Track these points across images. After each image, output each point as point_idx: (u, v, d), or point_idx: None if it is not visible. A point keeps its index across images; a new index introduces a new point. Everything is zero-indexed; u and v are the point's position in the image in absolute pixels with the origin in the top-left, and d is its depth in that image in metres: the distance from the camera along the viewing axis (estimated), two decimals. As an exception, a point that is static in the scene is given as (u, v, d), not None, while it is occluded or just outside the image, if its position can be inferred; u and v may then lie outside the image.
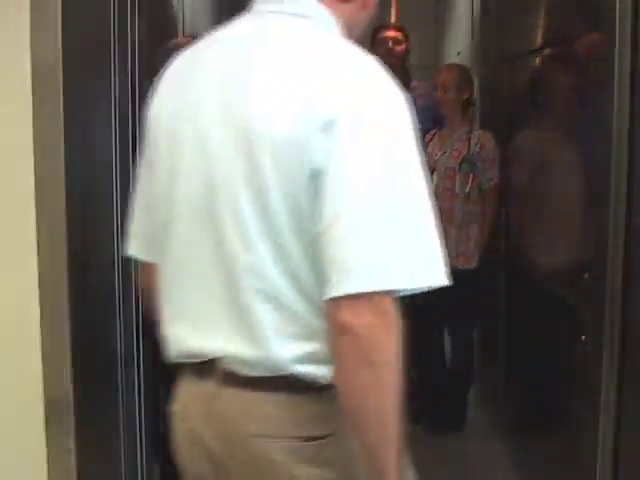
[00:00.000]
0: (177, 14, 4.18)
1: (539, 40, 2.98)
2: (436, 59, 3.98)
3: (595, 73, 2.14)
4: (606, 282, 2.02)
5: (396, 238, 1.07)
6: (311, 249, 1.10)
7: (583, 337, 2.24)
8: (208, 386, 1.18)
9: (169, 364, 1.25)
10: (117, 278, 1.89)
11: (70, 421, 1.60)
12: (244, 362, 1.15)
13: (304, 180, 1.08)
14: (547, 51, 2.87)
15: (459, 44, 4.11)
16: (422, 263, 1.09)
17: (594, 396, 2.08)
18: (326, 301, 1.07)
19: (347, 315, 1.05)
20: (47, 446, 1.60)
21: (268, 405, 1.15)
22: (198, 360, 1.19)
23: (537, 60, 3.00)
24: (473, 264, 3.48)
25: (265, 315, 1.13)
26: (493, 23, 3.87)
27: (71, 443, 1.61)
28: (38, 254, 1.55)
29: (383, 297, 1.06)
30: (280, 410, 1.15)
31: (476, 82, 4.13)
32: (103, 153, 1.84)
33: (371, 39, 3.91)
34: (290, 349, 1.13)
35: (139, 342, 2.02)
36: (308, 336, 1.14)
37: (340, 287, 1.04)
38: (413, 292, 1.09)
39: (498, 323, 3.57)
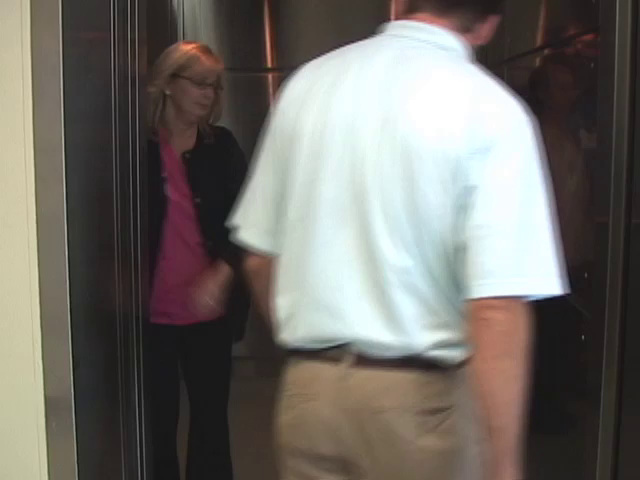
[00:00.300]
0: (177, 14, 4.18)
1: (539, 40, 2.97)
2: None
3: (595, 73, 2.14)
4: (606, 282, 2.02)
5: (532, 249, 1.26)
6: (446, 254, 1.28)
7: (583, 337, 2.23)
8: (337, 368, 1.34)
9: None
10: (117, 278, 1.89)
11: (70, 421, 1.60)
12: (381, 346, 1.31)
13: (455, 193, 1.26)
14: (547, 51, 2.87)
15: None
16: (552, 272, 1.28)
17: (594, 396, 2.08)
18: (470, 299, 1.25)
19: (492, 312, 1.24)
20: (47, 446, 1.60)
21: (401, 382, 1.32)
22: (328, 345, 1.35)
23: (537, 60, 3.00)
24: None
25: (408, 308, 1.30)
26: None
27: (71, 443, 1.61)
28: (38, 254, 1.55)
29: (520, 299, 1.26)
30: (411, 386, 1.32)
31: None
32: (103, 152, 1.84)
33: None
34: (426, 337, 1.31)
35: (139, 342, 2.02)
36: (441, 326, 1.32)
37: (487, 289, 1.24)
38: (539, 298, 1.29)
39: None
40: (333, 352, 1.35)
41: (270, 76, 4.23)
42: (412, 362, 1.32)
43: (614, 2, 1.94)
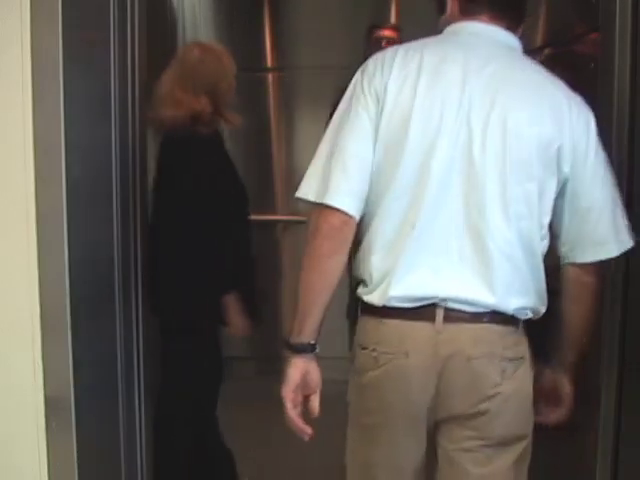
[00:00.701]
0: (177, 14, 4.19)
1: (539, 40, 2.97)
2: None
3: (595, 73, 2.14)
4: (606, 282, 2.02)
5: (616, 219, 1.62)
6: (541, 229, 1.58)
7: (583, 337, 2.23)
8: (430, 325, 1.51)
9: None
10: (117, 278, 1.89)
11: (70, 421, 1.60)
12: (474, 304, 1.51)
13: (554, 174, 1.54)
14: (547, 51, 2.87)
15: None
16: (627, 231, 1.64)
17: (594, 397, 2.08)
18: (572, 264, 1.65)
19: (591, 276, 1.65)
20: (47, 446, 1.60)
21: (487, 334, 1.53)
22: (420, 304, 1.51)
23: (537, 60, 3.00)
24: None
25: (504, 274, 1.52)
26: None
27: (71, 443, 1.61)
28: (38, 254, 1.55)
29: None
30: (495, 337, 1.53)
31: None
32: (103, 152, 1.84)
33: (366, 38, 3.90)
34: (514, 301, 1.54)
35: (139, 342, 2.02)
36: (527, 293, 1.58)
37: (593, 255, 1.62)
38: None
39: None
40: (425, 310, 1.51)
41: (270, 76, 4.23)
42: (495, 317, 1.53)
43: (614, 2, 1.94)
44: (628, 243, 1.62)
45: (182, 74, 2.39)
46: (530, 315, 1.61)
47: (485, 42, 1.61)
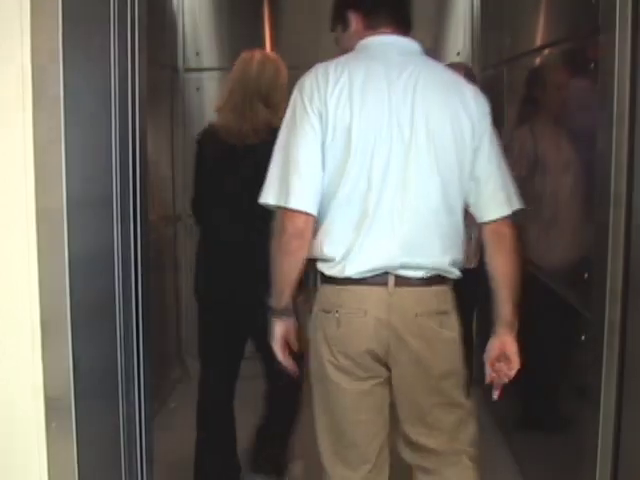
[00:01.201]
0: (177, 15, 4.19)
1: (539, 40, 2.97)
2: (436, 59, 3.97)
3: (595, 72, 2.13)
4: (606, 282, 2.01)
5: (506, 186, 2.00)
6: (462, 194, 1.94)
7: (583, 337, 2.24)
8: (384, 289, 1.86)
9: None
10: (117, 278, 1.89)
11: (70, 421, 1.60)
12: (419, 268, 1.88)
13: (468, 155, 1.91)
14: (547, 51, 2.87)
15: (459, 44, 4.12)
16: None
17: (594, 396, 2.08)
18: (488, 221, 1.98)
19: (505, 227, 1.99)
20: (47, 446, 1.60)
21: (427, 294, 1.90)
22: (375, 273, 1.85)
23: (537, 60, 3.00)
24: (473, 264, 3.48)
25: (439, 241, 1.89)
26: (493, 23, 3.87)
27: (71, 443, 1.61)
28: (38, 254, 1.55)
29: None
30: (432, 296, 1.91)
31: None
32: (103, 152, 1.84)
33: None
34: (447, 259, 1.91)
35: (139, 341, 2.02)
36: (454, 248, 1.94)
37: (503, 211, 1.97)
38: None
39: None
40: (380, 278, 1.87)
41: (270, 76, 4.23)
42: (432, 280, 1.90)
43: (614, 2, 1.94)
44: (517, 204, 1.99)
45: (243, 84, 2.61)
46: (457, 273, 1.97)
47: (396, 51, 1.91)
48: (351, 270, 1.85)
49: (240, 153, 2.58)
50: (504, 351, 2.04)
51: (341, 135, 1.81)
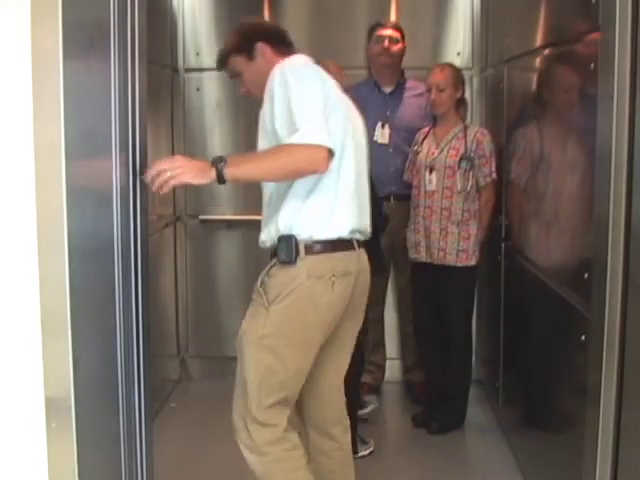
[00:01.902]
0: (177, 15, 4.18)
1: (539, 40, 2.97)
2: (436, 59, 3.97)
3: (595, 73, 2.13)
4: (606, 282, 2.02)
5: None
6: None
7: (583, 337, 2.24)
8: (357, 252, 2.30)
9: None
10: (117, 278, 1.89)
11: (70, 421, 1.60)
12: (364, 233, 2.36)
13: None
14: (547, 51, 2.87)
15: (459, 44, 4.12)
16: None
17: (594, 396, 2.08)
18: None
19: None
20: (47, 446, 1.60)
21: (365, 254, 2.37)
22: (349, 237, 2.27)
23: (537, 60, 3.00)
24: (473, 261, 3.49)
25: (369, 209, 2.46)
26: (493, 23, 3.87)
27: (71, 443, 1.61)
28: (38, 254, 1.55)
29: None
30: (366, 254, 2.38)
31: (476, 82, 4.12)
32: (103, 152, 1.84)
33: (367, 37, 3.90)
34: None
35: (139, 341, 2.02)
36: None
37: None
38: None
39: (498, 322, 3.57)
40: (350, 242, 2.28)
41: (270, 76, 4.23)
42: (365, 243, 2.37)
43: (614, 2, 1.94)
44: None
45: None
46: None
47: None
48: (345, 229, 2.36)
49: None
50: None
51: (345, 115, 2.34)
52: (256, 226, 2.38)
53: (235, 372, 2.36)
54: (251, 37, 2.41)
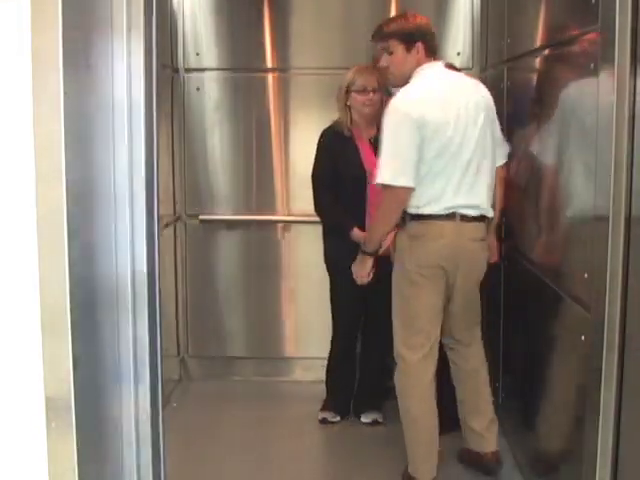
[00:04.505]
0: (177, 15, 4.18)
1: (539, 40, 2.97)
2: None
3: (595, 73, 2.13)
4: (606, 282, 2.02)
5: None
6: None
7: (583, 337, 2.24)
8: (455, 223, 2.88)
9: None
10: (117, 278, 1.89)
11: (70, 421, 1.60)
12: (475, 209, 2.92)
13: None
14: (547, 51, 2.87)
15: (459, 44, 4.12)
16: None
17: (594, 396, 2.08)
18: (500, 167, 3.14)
19: (502, 171, 3.20)
20: (47, 446, 1.60)
21: (478, 227, 2.95)
22: (448, 212, 2.86)
23: (537, 60, 3.00)
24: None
25: (488, 193, 3.00)
26: (493, 23, 3.87)
27: (71, 443, 1.61)
28: (39, 254, 1.55)
29: None
30: (480, 229, 2.97)
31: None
32: (103, 152, 1.84)
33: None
34: (490, 204, 3.00)
35: (139, 341, 2.02)
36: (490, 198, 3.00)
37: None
38: None
39: (497, 322, 3.57)
40: (451, 215, 2.87)
41: (270, 76, 4.23)
42: (480, 218, 2.95)
43: (614, 2, 1.94)
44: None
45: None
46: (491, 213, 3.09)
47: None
48: (435, 208, 2.92)
49: None
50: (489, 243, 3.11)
51: (432, 133, 2.90)
52: (256, 226, 2.38)
53: (235, 372, 2.35)
54: (416, 34, 2.92)
